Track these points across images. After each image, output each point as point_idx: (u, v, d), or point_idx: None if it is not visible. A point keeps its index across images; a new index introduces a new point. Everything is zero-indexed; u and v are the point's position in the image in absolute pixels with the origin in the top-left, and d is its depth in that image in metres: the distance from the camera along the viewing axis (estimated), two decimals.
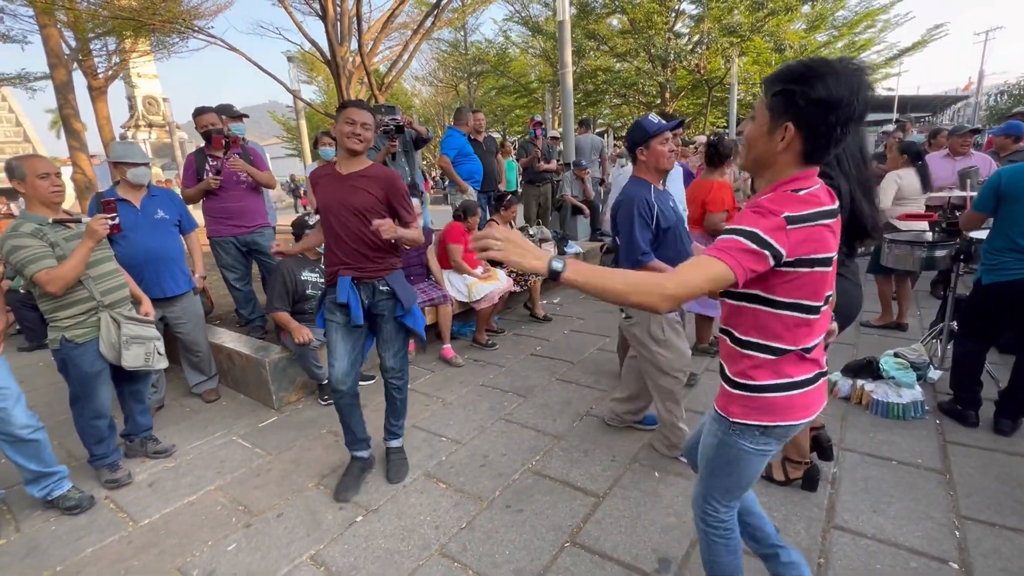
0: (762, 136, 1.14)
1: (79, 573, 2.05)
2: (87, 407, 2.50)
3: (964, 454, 2.45)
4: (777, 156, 1.13)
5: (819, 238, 1.09)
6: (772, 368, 1.20)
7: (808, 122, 1.06)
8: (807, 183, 1.12)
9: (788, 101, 1.07)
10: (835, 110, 1.02)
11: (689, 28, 17.40)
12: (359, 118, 2.21)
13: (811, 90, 1.02)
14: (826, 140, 1.07)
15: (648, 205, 2.31)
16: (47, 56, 9.01)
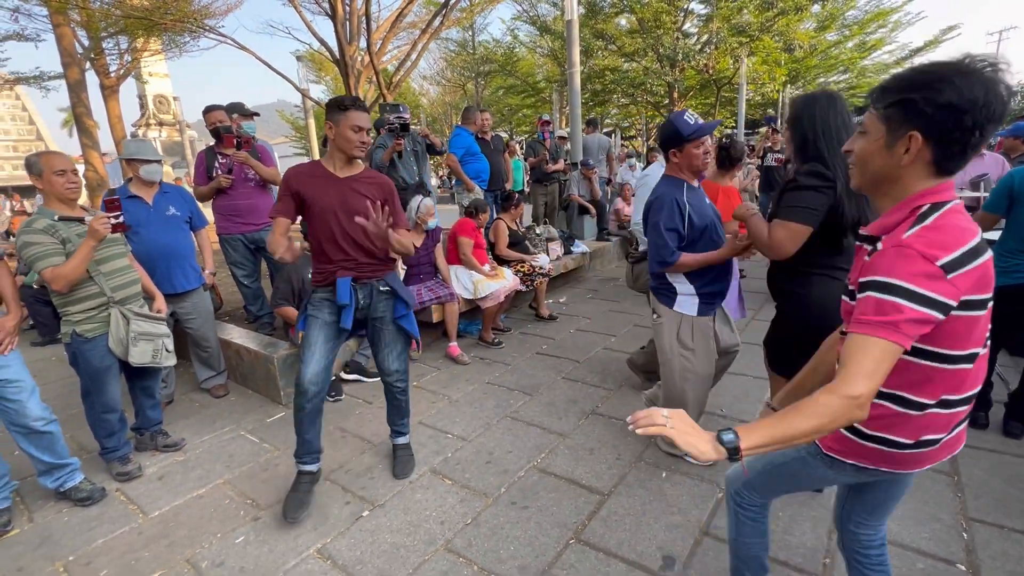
0: (879, 150, 1.02)
1: (90, 563, 2.09)
2: (97, 401, 2.53)
3: (973, 456, 2.44)
4: (902, 170, 1.01)
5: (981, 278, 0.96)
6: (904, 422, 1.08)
7: (940, 129, 0.94)
8: (944, 196, 0.99)
9: (910, 110, 0.96)
10: (968, 112, 0.91)
11: (698, 28, 17.34)
12: (365, 124, 2.17)
13: (939, 95, 0.92)
14: (962, 146, 0.95)
15: (679, 205, 2.25)
16: (60, 55, 9.13)
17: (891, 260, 0.95)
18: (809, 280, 1.97)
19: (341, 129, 2.14)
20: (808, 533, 2.01)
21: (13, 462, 2.56)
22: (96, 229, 2.28)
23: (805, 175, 1.86)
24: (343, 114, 2.14)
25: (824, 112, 1.88)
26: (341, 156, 2.22)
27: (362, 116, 2.16)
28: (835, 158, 1.84)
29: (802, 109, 1.92)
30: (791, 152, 2.01)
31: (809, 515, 2.11)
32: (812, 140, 1.88)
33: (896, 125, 0.99)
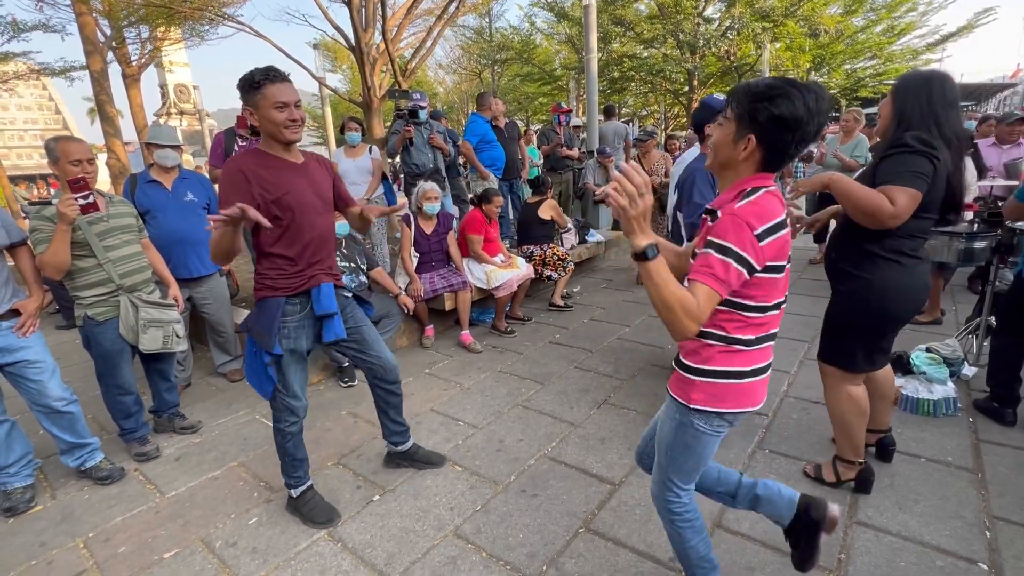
0: (728, 143, 1.24)
1: (109, 540, 2.14)
2: (112, 383, 2.59)
3: (998, 453, 2.36)
4: (739, 163, 1.24)
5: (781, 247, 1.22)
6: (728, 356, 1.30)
7: (769, 137, 1.17)
8: (763, 182, 1.23)
9: (753, 116, 1.17)
10: (794, 129, 1.14)
11: (720, 13, 16.89)
12: (288, 97, 1.78)
13: (774, 107, 1.13)
14: (782, 154, 1.20)
15: (712, 177, 2.33)
16: (83, 44, 9.26)
17: (726, 226, 1.17)
18: (876, 264, 1.89)
19: (263, 112, 1.79)
20: None
21: (37, 441, 2.63)
22: (63, 212, 2.19)
23: (915, 139, 1.77)
24: (259, 93, 1.76)
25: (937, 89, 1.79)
26: (273, 143, 1.88)
27: (282, 88, 1.77)
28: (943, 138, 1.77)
29: (910, 82, 1.84)
30: (885, 127, 1.91)
31: None
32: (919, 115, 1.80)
33: (742, 127, 1.20)
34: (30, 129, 26.41)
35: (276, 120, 1.80)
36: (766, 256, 1.17)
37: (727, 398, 1.31)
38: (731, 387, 1.30)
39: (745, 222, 1.15)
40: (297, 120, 1.84)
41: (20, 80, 11.30)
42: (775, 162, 1.23)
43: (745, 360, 1.30)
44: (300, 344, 2.02)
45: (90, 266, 2.42)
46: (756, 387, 1.32)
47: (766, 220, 1.17)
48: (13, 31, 9.60)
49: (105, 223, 2.47)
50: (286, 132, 1.83)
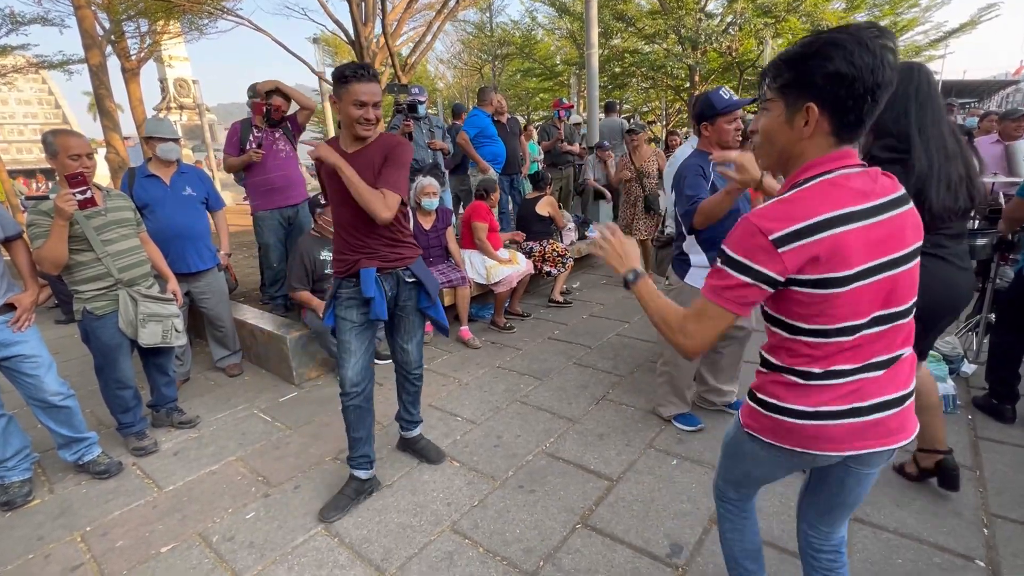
0: (782, 127, 1.02)
1: (107, 534, 2.14)
2: (110, 377, 2.58)
3: (996, 451, 2.35)
4: (804, 144, 1.01)
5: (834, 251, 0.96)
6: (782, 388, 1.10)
7: (833, 98, 0.94)
8: (829, 165, 0.99)
9: (803, 82, 0.97)
10: (859, 80, 0.91)
11: (721, 8, 16.81)
12: (369, 97, 1.90)
13: (828, 64, 0.92)
14: (857, 113, 0.95)
15: (704, 171, 2.31)
16: (82, 37, 9.22)
17: (734, 231, 1.01)
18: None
19: (343, 105, 1.93)
20: None
21: (35, 435, 2.63)
22: (61, 207, 2.19)
23: (880, 148, 1.74)
24: (344, 88, 1.91)
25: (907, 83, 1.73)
26: (347, 134, 2.03)
27: (366, 88, 1.90)
28: (925, 137, 1.71)
29: None
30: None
31: None
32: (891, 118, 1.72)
33: (792, 99, 0.99)
34: (30, 123, 26.36)
35: (352, 115, 1.93)
36: (794, 264, 0.95)
37: (779, 433, 1.11)
38: (784, 424, 1.08)
39: (756, 226, 0.97)
40: (371, 119, 1.95)
41: (19, 74, 11.27)
42: (853, 126, 0.97)
43: (805, 397, 1.05)
44: (351, 315, 2.15)
45: (88, 260, 2.41)
46: (827, 431, 1.05)
47: (796, 220, 0.95)
48: (11, 24, 9.55)
49: (103, 217, 2.46)
50: (357, 127, 1.96)
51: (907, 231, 1.01)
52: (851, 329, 1.00)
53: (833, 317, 0.99)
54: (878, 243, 0.97)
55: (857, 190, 0.97)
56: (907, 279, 1.02)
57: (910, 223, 1.02)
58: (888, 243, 0.98)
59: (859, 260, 0.96)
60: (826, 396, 1.04)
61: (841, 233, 0.94)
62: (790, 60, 0.98)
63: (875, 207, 0.98)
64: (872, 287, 0.98)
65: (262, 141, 3.67)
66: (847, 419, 1.04)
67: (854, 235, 0.95)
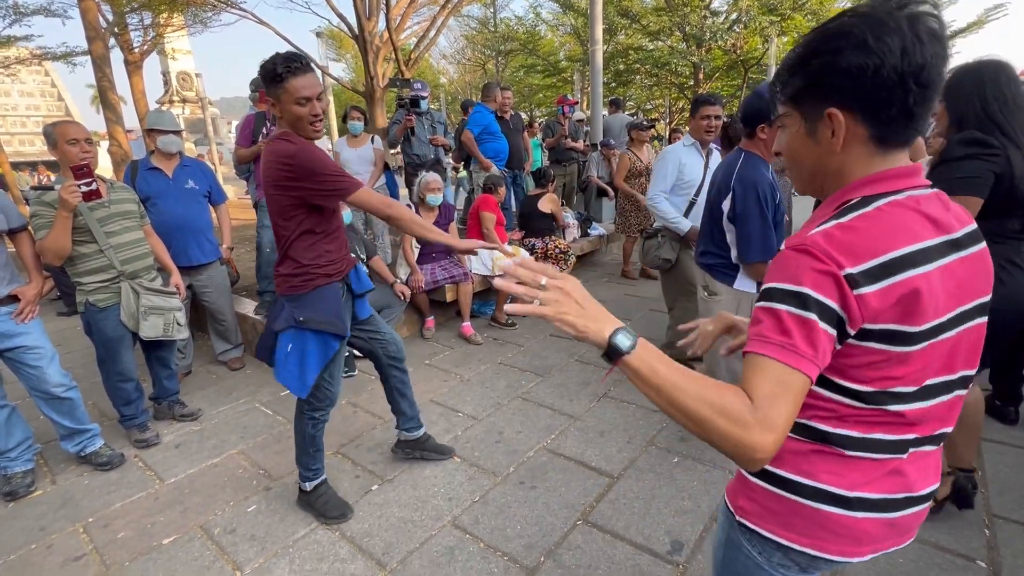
0: (805, 144, 0.80)
1: (108, 525, 2.15)
2: (112, 370, 2.59)
3: (998, 452, 2.35)
4: (838, 158, 0.77)
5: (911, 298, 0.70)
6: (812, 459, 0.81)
7: (859, 95, 0.72)
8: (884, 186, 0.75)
9: (816, 86, 0.76)
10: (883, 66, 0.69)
11: (727, 6, 16.73)
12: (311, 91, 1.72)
13: (835, 57, 0.72)
14: (900, 106, 0.71)
15: (773, 191, 2.10)
16: (85, 29, 9.19)
17: (780, 262, 0.73)
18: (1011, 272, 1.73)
19: (284, 107, 1.72)
20: None
21: (37, 426, 2.63)
22: (65, 199, 2.19)
23: (958, 144, 1.67)
24: (280, 87, 1.68)
25: (993, 76, 1.68)
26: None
27: (305, 81, 1.69)
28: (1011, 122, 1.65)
29: (964, 74, 1.72)
30: (944, 127, 1.80)
31: None
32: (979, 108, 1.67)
33: (809, 108, 0.78)
34: (32, 115, 26.36)
35: (300, 115, 1.73)
36: (872, 310, 0.69)
37: (795, 526, 0.82)
38: (806, 510, 0.80)
39: (822, 253, 0.69)
40: (319, 115, 1.77)
41: (22, 65, 11.25)
42: (899, 124, 0.73)
43: (842, 474, 0.78)
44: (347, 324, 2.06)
45: (91, 252, 2.41)
46: (861, 526, 0.79)
47: (875, 253, 0.69)
48: (15, 15, 9.54)
49: (106, 209, 2.46)
50: (310, 129, 1.77)
51: (980, 277, 0.78)
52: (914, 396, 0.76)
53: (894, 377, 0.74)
54: (956, 288, 0.74)
55: (931, 218, 0.74)
56: (976, 336, 0.79)
57: (984, 267, 0.78)
58: (964, 288, 0.75)
59: (942, 309, 0.73)
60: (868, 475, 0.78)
61: (922, 274, 0.70)
62: (795, 64, 0.78)
63: (950, 242, 0.74)
64: (945, 344, 0.75)
65: (265, 131, 3.64)
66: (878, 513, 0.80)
67: (934, 277, 0.71)
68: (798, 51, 0.78)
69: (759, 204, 2.08)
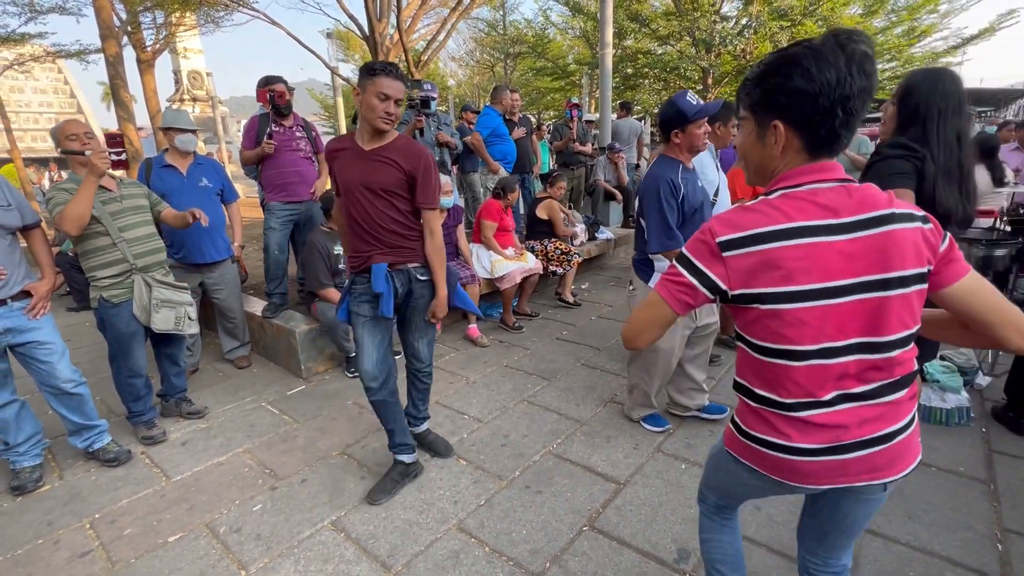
0: (755, 145, 1.01)
1: (115, 522, 2.15)
2: (124, 365, 2.60)
3: (1012, 465, 2.32)
4: (777, 161, 0.99)
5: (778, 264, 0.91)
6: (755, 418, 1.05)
7: (799, 115, 0.92)
8: (798, 179, 0.95)
9: (768, 100, 0.95)
10: (824, 94, 0.88)
11: (737, 11, 16.69)
12: (393, 92, 1.96)
13: (788, 81, 0.90)
14: (828, 128, 0.91)
15: (675, 186, 2.30)
16: (99, 28, 9.28)
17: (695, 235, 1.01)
18: None
19: (366, 96, 1.97)
20: None
21: (46, 422, 2.64)
22: (95, 164, 2.24)
23: (889, 146, 1.77)
24: (370, 80, 1.96)
25: (944, 90, 1.73)
26: (367, 127, 2.04)
27: (391, 84, 1.96)
28: (940, 141, 1.71)
29: (919, 83, 1.77)
30: (891, 129, 1.86)
31: None
32: (922, 117, 1.74)
33: (761, 117, 0.98)
34: (45, 112, 26.60)
35: (373, 107, 1.96)
36: (736, 271, 0.93)
37: (759, 461, 1.07)
38: (763, 454, 1.05)
39: (709, 228, 0.96)
40: (392, 113, 1.99)
41: (36, 63, 11.37)
42: (827, 141, 0.93)
43: (780, 432, 1.00)
44: (363, 310, 2.17)
45: (105, 245, 2.44)
46: (806, 467, 1.00)
47: (746, 226, 0.93)
48: (30, 12, 9.64)
49: (118, 204, 2.48)
50: (378, 120, 1.98)
51: (892, 253, 0.90)
52: (817, 353, 0.93)
53: (796, 338, 0.93)
54: (844, 262, 0.90)
55: (822, 205, 0.92)
56: (894, 306, 0.91)
57: (899, 245, 0.90)
58: (858, 263, 0.90)
59: (818, 278, 0.90)
60: (800, 431, 0.98)
61: (794, 246, 0.90)
62: (756, 78, 0.97)
63: (843, 224, 0.91)
64: (840, 309, 0.91)
65: (272, 132, 3.60)
66: (827, 456, 0.98)
67: (811, 250, 0.90)
68: (761, 68, 0.96)
69: (658, 199, 2.29)
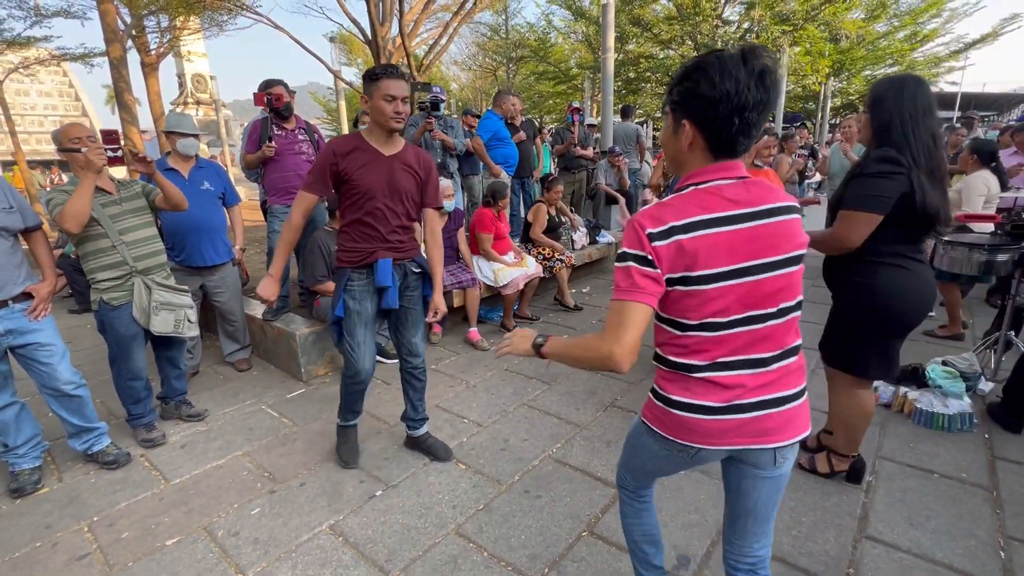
0: (670, 137, 1.14)
1: (113, 524, 2.15)
2: (124, 368, 2.60)
3: (1014, 471, 2.30)
4: (685, 155, 1.12)
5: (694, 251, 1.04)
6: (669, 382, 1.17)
7: (701, 117, 1.05)
8: (705, 176, 1.09)
9: (681, 101, 1.08)
10: (724, 102, 1.00)
11: (739, 15, 16.73)
12: (399, 92, 2.03)
13: (696, 87, 1.03)
14: (728, 133, 1.04)
15: None
16: (104, 32, 9.33)
17: (625, 233, 1.10)
18: (876, 270, 1.90)
19: (374, 101, 2.04)
20: (832, 541, 1.93)
21: (45, 424, 2.64)
22: (92, 160, 2.25)
23: (875, 161, 1.80)
24: (374, 84, 2.03)
25: (912, 94, 1.80)
26: (379, 130, 2.12)
27: (396, 84, 2.02)
28: (918, 144, 1.78)
29: (887, 91, 1.84)
30: (867, 136, 1.92)
31: (834, 523, 2.02)
32: (898, 124, 1.80)
33: (676, 115, 1.10)
34: (50, 115, 26.72)
35: (383, 110, 2.04)
36: (662, 258, 1.03)
37: (667, 425, 1.17)
38: (671, 415, 1.15)
39: (638, 223, 1.05)
40: (401, 113, 2.06)
41: (41, 66, 11.44)
42: (726, 145, 1.07)
43: (688, 390, 1.12)
44: (365, 308, 2.25)
45: (106, 247, 2.44)
46: (706, 425, 1.12)
47: (667, 220, 1.03)
48: (36, 16, 9.71)
49: (118, 206, 2.49)
50: (390, 121, 2.06)
51: (779, 239, 1.07)
52: (725, 325, 1.08)
53: (704, 312, 1.07)
54: (743, 247, 1.05)
55: (727, 199, 1.06)
56: (781, 283, 1.09)
57: (785, 232, 1.08)
58: (754, 248, 1.05)
59: (724, 261, 1.04)
60: (707, 390, 1.11)
61: (705, 235, 1.03)
62: (676, 80, 1.09)
63: (742, 215, 1.05)
64: (741, 287, 1.06)
65: (271, 136, 3.60)
66: (727, 415, 1.11)
67: (718, 238, 1.03)
68: (680, 72, 1.08)
69: None
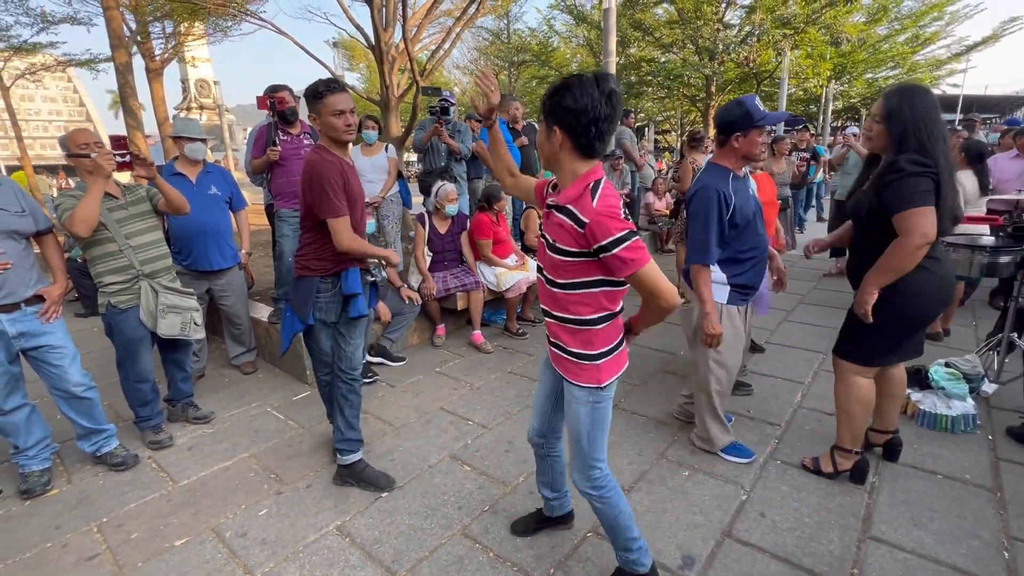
0: (545, 139, 1.41)
1: (122, 525, 2.17)
2: (131, 370, 2.63)
3: (1018, 472, 2.31)
4: (559, 154, 1.40)
5: None
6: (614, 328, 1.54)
7: (568, 124, 1.34)
8: (599, 175, 1.39)
9: (551, 110, 1.36)
10: (582, 114, 1.30)
11: (740, 19, 16.77)
12: (345, 105, 2.06)
13: (563, 100, 1.32)
14: (587, 138, 1.35)
15: (726, 198, 2.13)
16: (109, 38, 9.40)
17: (602, 227, 1.31)
18: None
19: (324, 118, 2.07)
20: (836, 542, 1.94)
21: (54, 426, 2.67)
22: (100, 165, 2.28)
23: (908, 162, 1.84)
24: (320, 101, 2.05)
25: (924, 103, 1.87)
26: (336, 145, 2.15)
27: (340, 98, 2.06)
28: (935, 147, 1.84)
29: (901, 101, 1.90)
30: (882, 145, 1.97)
31: (838, 523, 2.03)
32: (913, 132, 1.86)
33: (549, 123, 1.39)
34: (55, 120, 26.93)
35: (335, 125, 2.08)
36: None
37: (620, 363, 1.56)
38: (619, 355, 1.55)
39: (613, 211, 1.33)
40: (352, 124, 2.11)
41: (47, 72, 11.54)
42: (587, 148, 1.37)
43: (617, 328, 1.54)
44: (329, 316, 2.29)
45: (113, 251, 2.47)
46: (624, 351, 1.58)
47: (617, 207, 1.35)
48: (43, 23, 9.81)
49: (124, 211, 2.52)
50: (343, 134, 2.11)
51: None
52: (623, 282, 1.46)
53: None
54: None
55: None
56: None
57: None
58: None
59: None
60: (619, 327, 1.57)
61: None
62: (549, 93, 1.37)
63: None
64: None
65: (276, 140, 3.61)
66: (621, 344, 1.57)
67: None
68: (551, 89, 1.37)
69: (705, 211, 2.15)
